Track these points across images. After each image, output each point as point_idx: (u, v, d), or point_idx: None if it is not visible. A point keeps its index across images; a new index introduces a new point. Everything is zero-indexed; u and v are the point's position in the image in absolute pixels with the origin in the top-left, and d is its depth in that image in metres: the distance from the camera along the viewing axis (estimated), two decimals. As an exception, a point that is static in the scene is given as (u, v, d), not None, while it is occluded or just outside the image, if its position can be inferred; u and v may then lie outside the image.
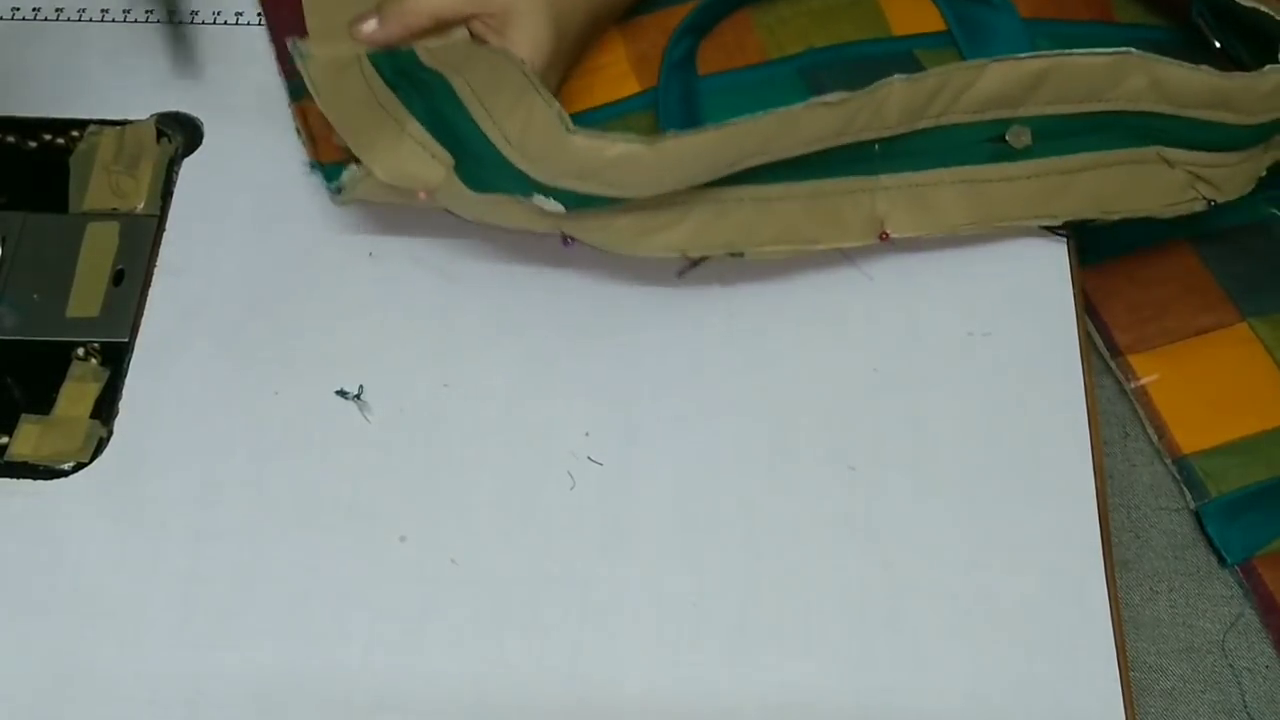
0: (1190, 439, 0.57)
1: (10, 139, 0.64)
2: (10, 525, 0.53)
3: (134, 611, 0.52)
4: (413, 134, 0.56)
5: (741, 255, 0.56)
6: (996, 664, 0.50)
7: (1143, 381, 0.58)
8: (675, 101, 0.62)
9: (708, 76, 0.64)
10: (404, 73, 0.55)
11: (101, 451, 0.55)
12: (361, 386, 0.55)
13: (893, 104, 0.55)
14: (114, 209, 0.61)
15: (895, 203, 0.58)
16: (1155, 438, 0.58)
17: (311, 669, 0.50)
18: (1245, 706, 0.51)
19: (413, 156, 0.56)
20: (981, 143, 0.57)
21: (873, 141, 0.56)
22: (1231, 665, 0.52)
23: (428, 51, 0.54)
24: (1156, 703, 0.52)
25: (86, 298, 0.59)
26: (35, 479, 0.55)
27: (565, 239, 0.55)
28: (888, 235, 0.58)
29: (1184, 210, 0.58)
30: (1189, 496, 0.56)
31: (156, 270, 0.60)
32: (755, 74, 0.64)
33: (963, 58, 0.63)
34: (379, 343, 0.57)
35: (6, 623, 0.51)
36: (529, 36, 0.56)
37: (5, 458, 0.55)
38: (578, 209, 0.54)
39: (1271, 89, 0.55)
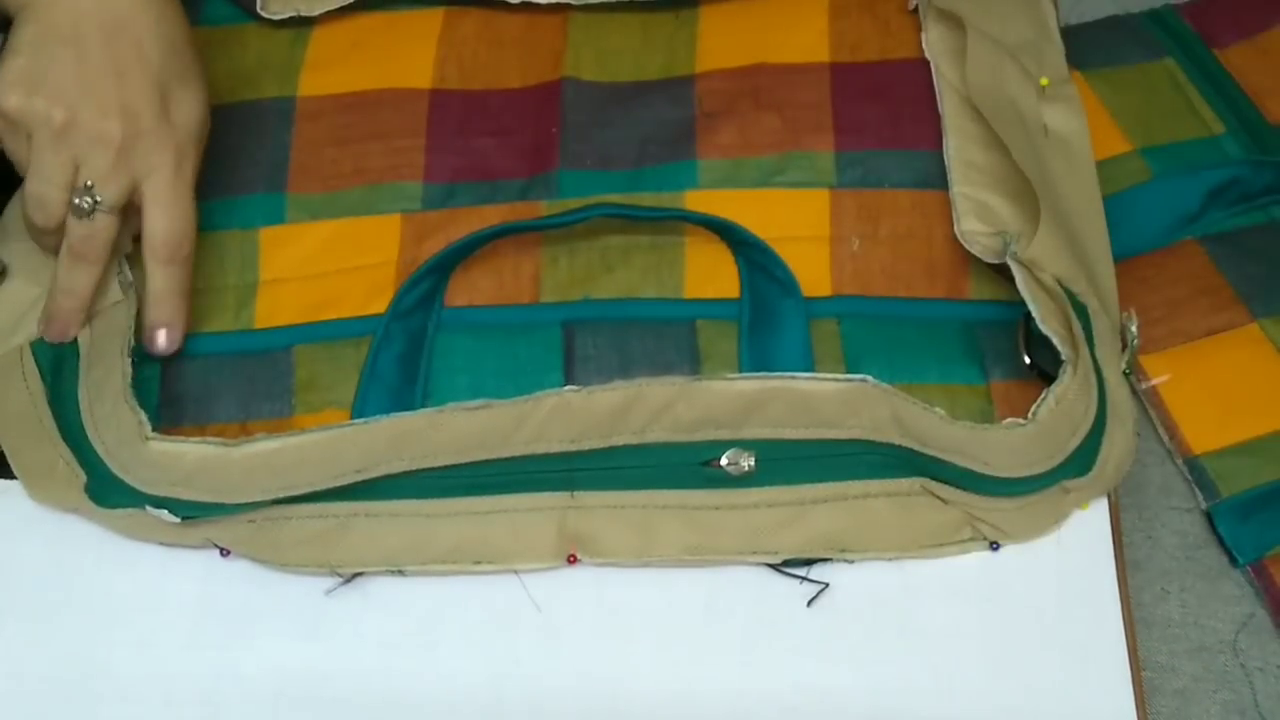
0: (1201, 439, 0.57)
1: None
2: (26, 526, 0.54)
3: (150, 612, 0.52)
4: (62, 454, 0.53)
5: (401, 573, 0.51)
6: (1007, 664, 0.50)
7: (1154, 382, 0.58)
8: (393, 356, 0.55)
9: (464, 309, 0.56)
10: (61, 366, 0.54)
11: (118, 453, 0.55)
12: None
13: (563, 421, 0.49)
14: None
15: (597, 523, 0.51)
16: (1166, 438, 0.58)
17: (326, 668, 0.51)
18: (1257, 706, 0.51)
19: (62, 477, 0.53)
20: (694, 465, 0.50)
21: (563, 454, 0.50)
22: (1243, 665, 0.52)
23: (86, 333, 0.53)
24: (1168, 702, 0.52)
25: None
26: (53, 481, 0.55)
27: (222, 550, 0.52)
28: (575, 558, 0.51)
29: (961, 552, 0.51)
30: (1200, 497, 0.56)
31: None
32: (514, 316, 0.56)
33: (741, 337, 0.55)
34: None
35: (23, 623, 0.52)
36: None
37: (23, 460, 0.56)
38: (195, 518, 0.51)
39: (1019, 443, 0.49)
